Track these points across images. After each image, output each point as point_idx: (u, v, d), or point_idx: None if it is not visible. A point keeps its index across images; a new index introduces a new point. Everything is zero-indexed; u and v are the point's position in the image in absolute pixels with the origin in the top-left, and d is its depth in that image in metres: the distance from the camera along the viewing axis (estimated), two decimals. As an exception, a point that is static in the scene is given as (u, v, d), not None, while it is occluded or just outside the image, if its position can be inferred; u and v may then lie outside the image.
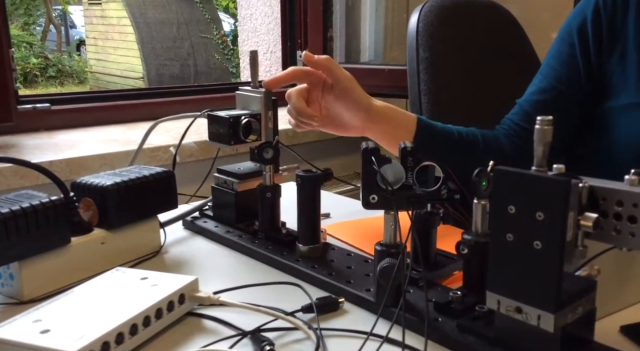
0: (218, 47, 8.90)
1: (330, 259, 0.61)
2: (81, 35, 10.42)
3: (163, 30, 8.49)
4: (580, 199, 0.40)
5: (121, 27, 8.35)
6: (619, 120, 0.70)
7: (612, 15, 0.70)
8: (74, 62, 9.96)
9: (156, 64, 8.40)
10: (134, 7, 8.21)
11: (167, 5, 8.58)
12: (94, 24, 8.82)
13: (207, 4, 9.12)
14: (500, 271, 0.42)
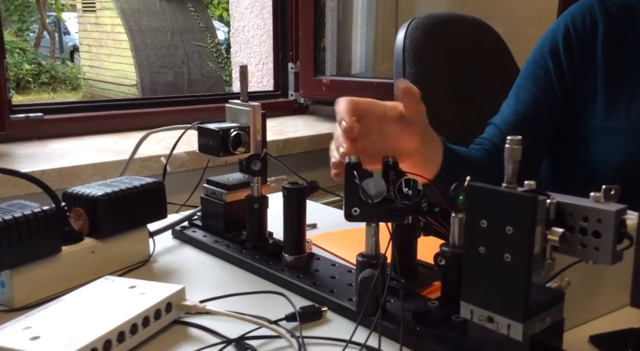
0: (212, 56, 8.94)
1: (315, 269, 0.63)
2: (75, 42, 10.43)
3: (157, 38, 8.52)
4: (548, 214, 0.42)
5: (115, 35, 8.37)
6: (592, 141, 0.72)
7: (582, 40, 0.73)
8: (67, 68, 9.96)
9: (150, 72, 8.42)
10: (128, 14, 8.23)
11: (162, 13, 8.61)
12: (88, 31, 8.83)
13: (201, 12, 9.17)
14: (473, 282, 0.44)
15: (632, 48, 0.72)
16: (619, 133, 0.70)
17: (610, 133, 0.71)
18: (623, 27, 0.72)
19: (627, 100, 0.70)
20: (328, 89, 1.42)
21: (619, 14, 0.73)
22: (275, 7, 1.51)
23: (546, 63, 0.75)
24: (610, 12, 0.73)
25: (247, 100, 0.73)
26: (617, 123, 0.70)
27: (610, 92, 0.72)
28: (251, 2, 1.62)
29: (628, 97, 0.70)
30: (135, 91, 8.43)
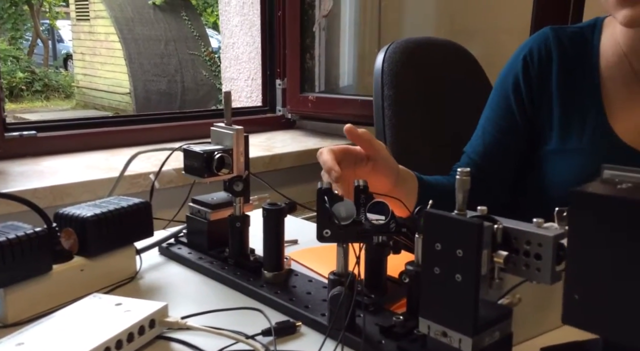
0: (205, 64, 8.99)
1: (293, 285, 0.67)
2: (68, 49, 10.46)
3: (151, 46, 8.57)
4: (495, 238, 0.47)
5: (109, 43, 8.41)
6: (549, 163, 0.78)
7: (539, 71, 0.78)
8: (60, 76, 9.98)
9: (143, 80, 8.45)
10: (122, 23, 8.28)
11: (155, 22, 8.67)
12: (81, 39, 8.87)
13: (195, 21, 9.23)
14: (430, 299, 0.48)
15: (585, 74, 0.77)
16: (573, 155, 0.75)
17: (565, 155, 0.76)
18: (575, 55, 0.78)
19: (580, 124, 0.75)
20: (314, 105, 1.46)
21: (572, 43, 0.78)
22: (263, 26, 1.56)
23: (508, 95, 0.80)
24: (564, 42, 0.78)
25: (230, 124, 0.77)
26: (571, 146, 0.76)
27: (564, 117, 0.77)
28: (240, 21, 1.67)
29: (581, 121, 0.75)
30: (129, 99, 8.46)
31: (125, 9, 8.42)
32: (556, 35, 0.79)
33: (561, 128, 0.77)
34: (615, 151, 0.74)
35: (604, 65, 0.77)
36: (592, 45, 0.78)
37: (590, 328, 0.40)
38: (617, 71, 0.75)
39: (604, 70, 0.76)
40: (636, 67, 0.74)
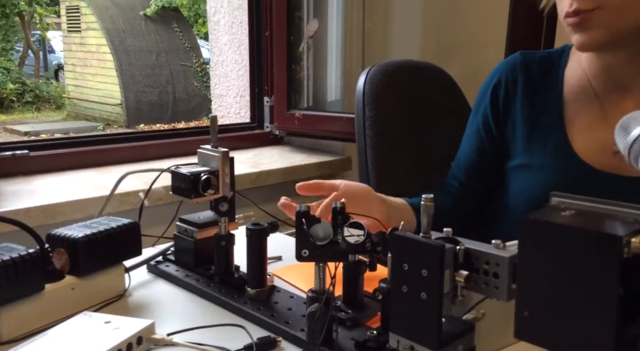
0: (197, 75, 9.04)
1: (275, 301, 0.70)
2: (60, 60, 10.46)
3: (142, 57, 8.60)
4: (457, 259, 0.51)
5: (100, 55, 8.44)
6: (513, 177, 0.83)
7: (506, 94, 0.84)
8: (51, 87, 9.97)
9: (135, 91, 8.48)
10: (113, 35, 8.32)
11: (147, 33, 8.72)
12: (73, 50, 8.88)
13: (186, 32, 9.29)
14: (398, 316, 0.52)
15: (549, 96, 0.82)
16: (536, 171, 0.81)
17: (529, 171, 0.81)
18: (541, 79, 0.83)
19: (543, 142, 0.81)
20: (300, 122, 1.51)
21: (539, 67, 0.84)
22: (251, 45, 1.60)
23: (479, 116, 0.87)
24: (531, 66, 0.84)
25: (217, 146, 0.81)
26: (534, 162, 0.81)
27: (528, 134, 0.82)
28: (229, 39, 1.71)
29: (544, 139, 0.81)
30: (120, 110, 8.48)
31: (116, 20, 8.46)
32: (524, 60, 0.85)
33: (524, 145, 0.82)
34: (574, 168, 0.78)
35: (568, 88, 0.82)
36: (558, 70, 0.83)
37: (540, 343, 0.43)
38: (580, 94, 0.80)
39: (567, 93, 0.82)
40: (598, 90, 0.79)
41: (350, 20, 1.57)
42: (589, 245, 0.39)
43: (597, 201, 0.45)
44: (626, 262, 0.39)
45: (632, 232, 0.39)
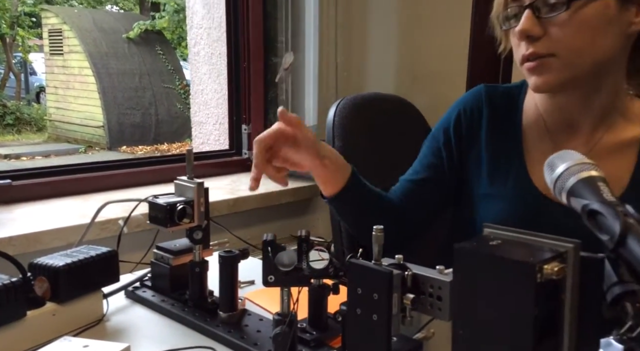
0: (180, 97, 9.09)
1: (245, 324, 0.75)
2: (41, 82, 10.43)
3: (125, 80, 8.64)
4: (405, 283, 0.56)
5: (83, 77, 8.45)
6: (478, 205, 0.88)
7: (470, 122, 0.89)
8: (32, 109, 9.92)
9: (117, 113, 8.49)
10: (96, 57, 8.35)
11: (130, 56, 8.77)
12: (55, 73, 8.88)
13: (169, 54, 9.36)
14: (353, 335, 0.57)
15: (510, 129, 0.88)
16: (498, 200, 0.86)
17: (491, 199, 0.87)
18: (503, 112, 0.89)
19: (505, 172, 0.86)
20: (277, 150, 1.56)
21: (502, 100, 0.90)
22: (230, 76, 1.67)
23: (440, 139, 0.91)
24: (494, 99, 0.90)
25: (192, 178, 0.86)
26: (497, 191, 0.86)
27: (492, 165, 0.87)
28: (209, 69, 1.78)
29: (505, 170, 0.87)
30: (102, 132, 8.46)
31: (99, 43, 8.50)
32: (488, 93, 0.90)
33: (489, 175, 0.88)
34: (532, 198, 0.84)
35: (526, 122, 0.88)
36: (517, 104, 0.89)
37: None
38: (535, 128, 0.87)
39: (525, 127, 0.88)
40: (550, 126, 0.85)
41: (324, 54, 1.65)
42: (509, 271, 0.45)
43: (523, 232, 0.51)
44: (540, 286, 0.45)
45: (545, 259, 0.45)
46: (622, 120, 0.81)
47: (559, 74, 0.75)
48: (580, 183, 0.55)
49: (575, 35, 0.72)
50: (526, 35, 0.74)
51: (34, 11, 10.43)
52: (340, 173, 0.85)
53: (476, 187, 0.88)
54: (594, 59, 0.74)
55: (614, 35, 0.73)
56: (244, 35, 1.62)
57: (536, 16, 0.73)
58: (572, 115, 0.82)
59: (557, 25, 0.72)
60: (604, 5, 0.71)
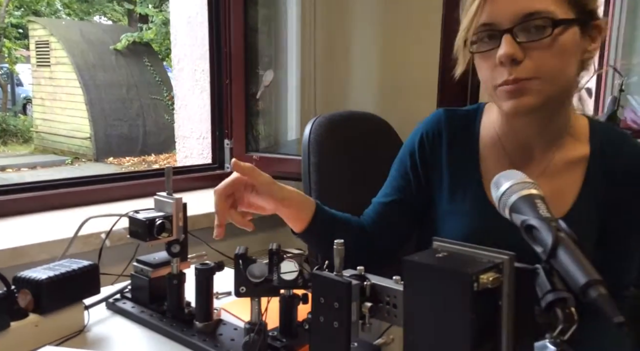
0: (168, 108, 9.11)
1: (220, 333, 0.79)
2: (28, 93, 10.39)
3: (112, 91, 8.65)
4: (364, 292, 0.61)
5: (70, 89, 8.45)
6: (440, 222, 0.93)
7: (432, 145, 0.94)
8: (19, 121, 9.87)
9: (104, 125, 8.48)
10: (83, 69, 8.36)
11: (117, 68, 8.79)
12: (42, 85, 8.86)
13: (157, 66, 9.40)
14: (317, 342, 0.62)
15: (468, 150, 0.93)
16: (459, 217, 0.91)
17: (452, 216, 0.92)
18: (462, 134, 0.94)
19: (464, 191, 0.92)
20: (258, 164, 1.60)
21: (460, 124, 0.95)
22: (212, 92, 1.72)
23: (406, 161, 0.96)
24: (453, 122, 0.95)
25: (171, 194, 0.90)
26: (457, 209, 0.92)
27: (452, 184, 0.93)
28: (192, 85, 1.83)
29: (464, 189, 0.92)
30: (89, 144, 8.45)
31: (87, 55, 8.51)
32: (447, 116, 0.95)
33: (449, 193, 0.93)
34: (490, 216, 0.89)
35: (483, 143, 0.93)
36: (474, 127, 0.95)
37: (422, 361, 0.54)
38: (492, 149, 0.92)
39: (482, 148, 0.93)
40: (507, 147, 0.91)
41: (306, 70, 1.70)
42: (449, 281, 0.50)
43: (467, 245, 0.56)
44: (478, 294, 0.50)
45: (482, 270, 0.50)
46: (571, 139, 0.87)
47: (538, 96, 0.78)
48: (520, 200, 0.61)
49: (554, 59, 0.76)
50: (511, 59, 0.76)
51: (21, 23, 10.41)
52: (304, 210, 0.88)
53: (439, 205, 0.93)
54: (567, 82, 0.79)
55: (576, 61, 0.79)
56: (226, 53, 1.67)
57: (516, 40, 0.76)
58: (528, 138, 0.87)
59: (539, 49, 0.75)
60: (573, 33, 0.76)
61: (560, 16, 0.75)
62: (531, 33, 0.76)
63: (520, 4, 0.76)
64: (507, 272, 0.52)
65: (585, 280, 0.50)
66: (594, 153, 0.87)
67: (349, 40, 1.68)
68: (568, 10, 0.76)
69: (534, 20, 0.75)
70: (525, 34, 0.76)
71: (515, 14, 0.76)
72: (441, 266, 0.51)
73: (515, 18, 0.76)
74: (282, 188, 0.86)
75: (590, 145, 0.87)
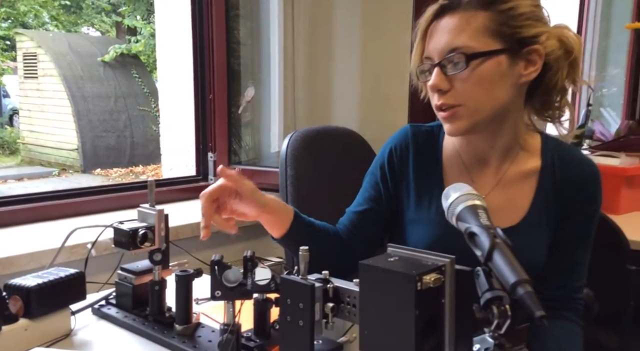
0: (156, 119, 9.14)
1: (198, 335, 0.85)
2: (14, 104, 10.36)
3: (100, 103, 8.65)
4: (327, 294, 0.68)
5: (57, 100, 8.43)
6: (407, 230, 1.00)
7: (400, 158, 1.01)
8: (5, 132, 9.82)
9: (92, 136, 8.48)
10: (70, 81, 8.36)
11: (105, 79, 8.80)
12: (29, 97, 8.84)
13: (145, 78, 9.42)
14: (285, 339, 0.68)
15: (432, 163, 1.01)
16: (424, 225, 0.98)
17: (417, 224, 0.99)
18: (426, 149, 1.02)
19: (429, 201, 0.99)
20: (240, 176, 1.68)
21: (425, 139, 1.03)
22: (196, 107, 1.79)
23: (377, 173, 1.03)
24: (418, 137, 1.03)
25: (154, 206, 0.96)
26: (422, 216, 0.99)
27: (418, 194, 1.00)
28: (177, 100, 1.89)
29: (429, 199, 0.99)
30: (76, 155, 8.43)
31: (74, 67, 8.52)
32: (413, 132, 1.03)
33: (416, 203, 1.00)
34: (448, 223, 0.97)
35: (445, 157, 1.01)
36: (437, 142, 1.02)
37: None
38: (453, 162, 1.00)
39: (445, 161, 1.00)
40: (465, 161, 0.98)
41: (286, 87, 1.78)
42: (396, 281, 0.57)
43: (416, 250, 0.63)
44: (422, 293, 0.57)
45: (425, 271, 0.57)
46: (523, 153, 0.95)
47: (467, 120, 0.88)
48: (465, 210, 0.68)
49: (475, 88, 0.85)
50: (437, 89, 0.87)
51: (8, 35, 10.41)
52: (283, 217, 0.94)
53: (406, 213, 1.00)
54: (493, 107, 0.87)
55: (508, 86, 0.87)
56: (210, 69, 1.74)
57: (444, 73, 0.86)
58: (482, 152, 0.95)
59: (461, 80, 0.85)
60: (497, 63, 0.85)
61: (480, 49, 0.83)
62: (455, 66, 0.85)
63: (445, 41, 0.85)
64: (449, 273, 0.59)
65: (514, 280, 0.57)
66: (545, 167, 0.95)
67: (329, 57, 1.76)
68: (494, 41, 0.84)
69: (454, 55, 0.84)
70: (452, 67, 0.85)
71: (442, 50, 0.86)
72: (390, 269, 0.58)
73: (442, 53, 0.86)
74: (263, 195, 0.92)
75: (542, 159, 0.95)
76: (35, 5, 10.68)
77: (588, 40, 3.57)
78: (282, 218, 0.94)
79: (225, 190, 0.89)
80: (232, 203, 0.90)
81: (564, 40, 0.87)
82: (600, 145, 2.00)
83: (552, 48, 0.86)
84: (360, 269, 0.61)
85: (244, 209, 0.91)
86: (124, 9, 10.92)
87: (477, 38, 0.84)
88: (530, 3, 0.85)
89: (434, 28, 0.88)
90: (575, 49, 0.87)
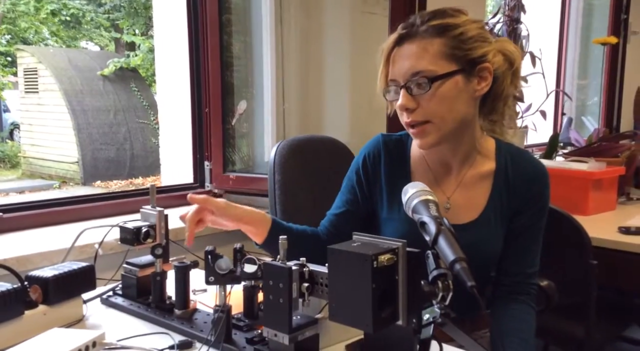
0: (155, 131, 9.27)
1: (195, 318, 0.97)
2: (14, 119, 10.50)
3: (100, 116, 8.79)
4: (303, 276, 0.80)
5: (58, 114, 8.57)
6: (382, 227, 1.12)
7: (373, 164, 1.13)
8: (6, 146, 9.95)
9: (92, 149, 8.60)
10: (71, 95, 8.51)
11: (105, 93, 8.95)
12: (30, 111, 8.98)
13: (144, 91, 9.57)
14: (268, 315, 0.80)
15: (401, 168, 1.13)
16: (395, 222, 1.10)
17: (389, 222, 1.11)
18: (396, 155, 1.14)
19: (399, 201, 1.10)
20: (234, 183, 1.81)
21: (395, 146, 1.15)
22: (193, 120, 1.92)
23: (353, 178, 1.15)
24: (389, 145, 1.15)
25: (155, 207, 1.09)
26: (394, 215, 1.11)
27: (389, 195, 1.12)
28: (175, 112, 2.02)
29: (399, 198, 1.10)
30: (77, 168, 8.56)
31: (74, 81, 8.67)
32: (384, 140, 1.15)
33: (388, 204, 1.12)
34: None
35: (413, 162, 1.13)
36: (406, 149, 1.14)
37: (340, 322, 0.72)
38: (420, 167, 1.12)
39: (413, 166, 1.12)
40: (430, 164, 1.10)
41: (278, 99, 1.91)
42: (355, 261, 0.69)
43: (376, 237, 0.75)
44: (378, 270, 0.69)
45: (380, 252, 0.69)
46: (480, 157, 1.08)
47: (434, 135, 1.00)
48: (419, 204, 0.80)
49: (439, 106, 0.97)
50: (405, 108, 0.99)
51: (9, 51, 10.58)
52: (261, 226, 1.05)
53: (380, 213, 1.13)
54: (455, 120, 0.99)
55: (466, 101, 0.99)
56: (206, 85, 1.88)
57: (409, 93, 0.97)
58: (445, 158, 1.08)
59: (426, 99, 0.97)
60: (455, 82, 0.97)
61: (440, 72, 0.96)
62: (420, 87, 0.97)
63: (408, 65, 0.97)
64: (402, 254, 0.71)
65: (453, 258, 0.70)
66: (498, 168, 1.07)
67: (319, 71, 1.89)
68: (450, 64, 0.96)
69: (418, 78, 0.96)
70: (417, 88, 0.97)
71: (406, 73, 0.98)
72: (351, 251, 0.70)
73: (406, 76, 0.98)
74: (237, 208, 1.04)
75: (496, 161, 1.08)
76: (35, 22, 10.86)
77: (570, 52, 3.72)
78: (260, 227, 1.05)
79: (203, 211, 1.02)
80: (211, 217, 1.03)
81: (507, 54, 1.00)
82: (573, 151, 2.13)
83: (499, 63, 0.99)
84: (328, 252, 0.73)
85: (221, 222, 1.04)
86: (122, 22, 11.09)
87: (435, 62, 0.96)
88: (476, 26, 0.98)
89: (396, 54, 1.01)
90: (516, 60, 1.00)
